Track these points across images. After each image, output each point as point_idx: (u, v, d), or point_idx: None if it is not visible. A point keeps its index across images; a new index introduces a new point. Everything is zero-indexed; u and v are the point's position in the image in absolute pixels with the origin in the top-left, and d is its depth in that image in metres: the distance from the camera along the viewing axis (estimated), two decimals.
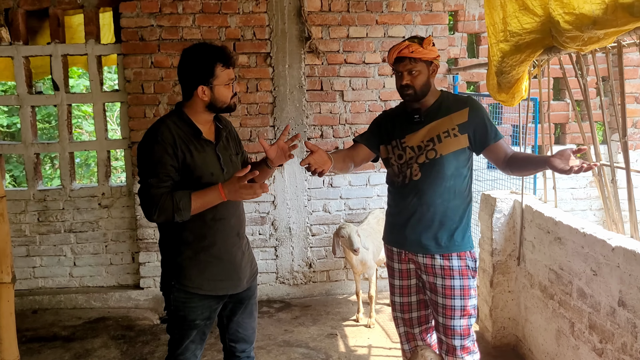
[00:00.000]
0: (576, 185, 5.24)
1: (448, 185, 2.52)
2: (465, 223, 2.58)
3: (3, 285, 2.36)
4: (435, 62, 2.53)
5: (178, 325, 2.41)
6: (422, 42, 2.45)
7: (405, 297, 2.74)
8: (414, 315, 2.76)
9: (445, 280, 2.53)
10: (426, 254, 2.57)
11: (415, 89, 2.49)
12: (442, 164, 2.50)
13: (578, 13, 2.38)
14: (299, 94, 4.77)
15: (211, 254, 2.38)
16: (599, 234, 2.70)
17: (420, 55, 2.44)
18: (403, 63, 2.47)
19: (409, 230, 2.59)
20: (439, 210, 2.53)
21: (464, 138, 2.50)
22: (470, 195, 2.63)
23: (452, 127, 2.50)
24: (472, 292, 2.56)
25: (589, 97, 3.08)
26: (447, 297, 2.53)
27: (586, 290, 2.79)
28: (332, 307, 4.72)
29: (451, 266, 2.53)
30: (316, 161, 2.32)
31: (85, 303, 4.85)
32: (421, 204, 2.54)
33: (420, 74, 2.48)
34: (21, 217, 4.84)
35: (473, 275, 2.58)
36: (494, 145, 2.50)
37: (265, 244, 4.92)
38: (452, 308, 2.54)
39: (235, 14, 4.64)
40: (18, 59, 4.68)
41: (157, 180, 2.22)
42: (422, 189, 2.53)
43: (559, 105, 5.21)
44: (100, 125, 4.88)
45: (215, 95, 2.33)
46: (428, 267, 2.57)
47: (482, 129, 2.50)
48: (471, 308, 2.56)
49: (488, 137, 2.50)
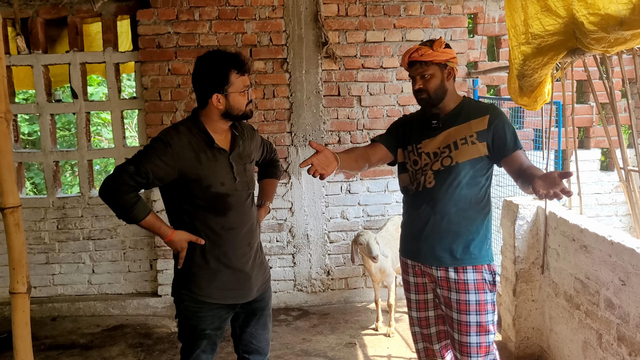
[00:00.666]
0: (601, 190, 5.11)
1: (463, 193, 2.40)
2: (482, 234, 2.45)
3: (18, 295, 2.34)
4: (450, 65, 2.43)
5: (188, 334, 2.39)
6: (433, 45, 2.38)
7: (423, 311, 2.63)
8: (432, 330, 2.64)
9: (460, 294, 2.41)
10: (440, 267, 2.45)
11: (429, 93, 2.42)
12: (458, 172, 2.39)
13: (603, 14, 2.30)
14: (316, 100, 4.72)
15: (221, 262, 2.36)
16: (627, 242, 2.59)
17: (431, 58, 2.37)
18: (415, 67, 2.42)
19: (423, 241, 2.48)
20: (454, 220, 2.41)
21: (482, 146, 2.38)
22: (488, 206, 2.50)
23: (471, 134, 2.39)
24: (489, 307, 2.43)
25: (615, 99, 2.98)
26: (462, 313, 2.41)
27: (614, 300, 2.68)
28: (351, 316, 4.65)
29: (466, 280, 2.41)
30: (320, 162, 2.14)
31: (104, 310, 4.86)
32: (434, 213, 2.43)
33: (433, 77, 2.40)
34: (40, 225, 4.87)
35: (491, 289, 2.45)
36: (510, 157, 2.37)
37: (283, 251, 4.87)
38: (468, 324, 2.40)
39: (251, 20, 4.62)
40: (37, 68, 4.72)
41: (134, 171, 2.20)
42: (435, 197, 2.42)
43: (582, 108, 5.09)
44: (118, 133, 4.89)
45: (230, 103, 2.30)
46: (442, 280, 2.46)
47: (501, 139, 2.37)
48: (489, 324, 2.42)
49: (506, 148, 2.37)
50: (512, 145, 2.37)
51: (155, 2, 4.55)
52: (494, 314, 2.45)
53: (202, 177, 2.28)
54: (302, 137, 4.74)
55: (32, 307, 4.73)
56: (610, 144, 3.18)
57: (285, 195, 4.80)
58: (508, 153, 2.37)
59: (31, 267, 4.91)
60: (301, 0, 4.61)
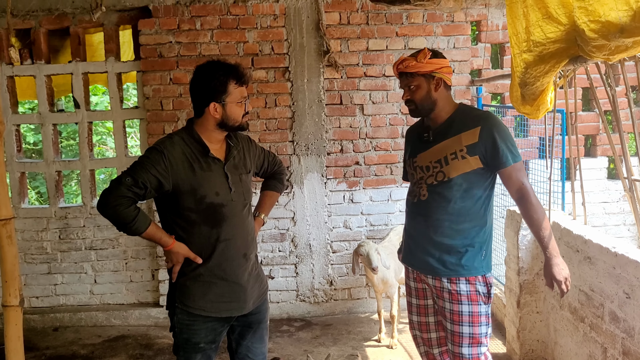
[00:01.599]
0: (608, 199, 5.03)
1: (457, 207, 2.39)
2: (477, 246, 2.43)
3: (11, 308, 2.32)
4: (438, 76, 2.41)
5: (183, 348, 2.37)
6: (417, 56, 2.39)
7: (423, 316, 2.64)
8: (432, 335, 2.65)
9: (453, 305, 2.42)
10: (435, 276, 2.47)
11: (415, 104, 2.45)
12: (451, 186, 2.38)
13: (604, 21, 2.25)
14: (318, 109, 4.69)
15: (215, 274, 2.32)
16: (632, 254, 2.53)
17: (416, 69, 2.38)
18: (402, 78, 2.46)
19: (419, 251, 2.51)
20: (447, 232, 2.41)
21: (474, 160, 2.35)
22: (485, 217, 2.46)
23: (460, 148, 2.36)
24: (482, 319, 2.42)
25: (618, 107, 2.92)
26: (455, 323, 2.42)
27: (619, 313, 2.62)
28: (354, 326, 4.59)
29: (459, 290, 2.40)
30: None
31: (106, 321, 4.83)
32: (427, 226, 2.45)
33: (419, 88, 2.42)
34: (43, 235, 4.86)
35: (485, 301, 2.43)
36: (502, 172, 2.35)
37: (285, 261, 4.83)
38: (460, 335, 2.41)
39: (253, 29, 4.61)
40: (40, 78, 4.73)
41: (132, 182, 2.18)
42: (429, 209, 2.44)
43: (588, 116, 5.02)
44: (121, 142, 4.88)
45: (227, 112, 2.30)
46: (437, 289, 2.47)
47: (493, 151, 2.33)
48: (482, 336, 2.42)
49: (498, 162, 2.34)
50: (504, 159, 2.33)
51: (157, 11, 4.55)
52: (487, 326, 2.45)
53: (196, 188, 2.26)
54: (304, 146, 4.71)
55: (33, 317, 4.76)
56: (614, 153, 3.11)
57: (287, 205, 4.77)
58: (500, 167, 2.35)
59: (33, 277, 4.90)
60: (303, 9, 4.60)
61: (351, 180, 4.77)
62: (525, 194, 2.34)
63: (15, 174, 4.83)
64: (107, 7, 4.47)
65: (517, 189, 2.35)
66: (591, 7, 2.33)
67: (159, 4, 4.54)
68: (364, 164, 4.76)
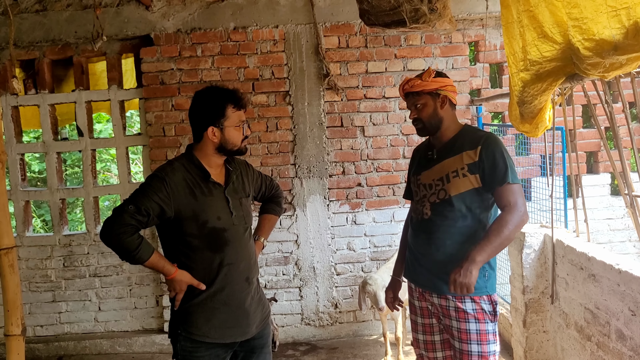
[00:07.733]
0: (613, 215, 5.00)
1: (459, 226, 2.39)
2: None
3: (13, 337, 2.32)
4: (443, 93, 2.45)
5: None
6: (422, 75, 2.46)
7: (429, 335, 2.60)
8: (439, 355, 2.60)
9: (461, 323, 2.39)
10: (440, 295, 2.45)
11: (423, 122, 2.49)
12: (452, 205, 2.39)
13: (598, 39, 2.27)
14: (319, 131, 4.72)
15: (218, 300, 2.31)
16: (636, 270, 2.51)
17: (421, 88, 2.44)
18: (409, 98, 2.52)
19: (422, 270, 2.51)
20: (449, 252, 2.40)
21: (474, 178, 2.36)
22: None
23: (462, 166, 2.39)
24: (490, 337, 2.40)
25: (616, 124, 2.93)
26: (463, 342, 2.39)
27: (625, 331, 2.59)
28: (360, 350, 4.55)
29: (465, 309, 2.38)
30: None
31: (110, 349, 4.80)
32: (430, 245, 2.45)
33: (426, 106, 2.46)
34: (47, 263, 4.86)
35: (492, 319, 2.41)
36: (495, 190, 2.33)
37: (290, 285, 4.81)
38: (469, 354, 2.38)
39: (253, 54, 4.66)
40: (44, 107, 4.78)
41: (135, 210, 2.17)
42: (431, 229, 2.44)
43: (589, 132, 5.03)
44: (124, 169, 4.91)
45: (225, 136, 2.31)
46: (443, 308, 2.45)
47: (491, 170, 2.33)
48: (490, 355, 2.39)
49: (493, 181, 2.33)
50: (500, 179, 2.32)
51: (159, 39, 4.62)
52: (495, 344, 2.42)
53: (197, 213, 2.26)
54: (306, 169, 4.72)
55: (38, 346, 4.74)
56: (615, 169, 3.12)
57: (290, 228, 4.76)
58: (495, 186, 2.34)
59: (37, 306, 4.89)
60: (302, 34, 4.66)
61: (354, 202, 4.77)
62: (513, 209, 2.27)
63: (20, 202, 4.86)
64: (109, 36, 4.55)
65: (506, 203, 2.29)
66: (585, 25, 2.36)
67: (160, 32, 4.61)
68: (366, 185, 4.76)
